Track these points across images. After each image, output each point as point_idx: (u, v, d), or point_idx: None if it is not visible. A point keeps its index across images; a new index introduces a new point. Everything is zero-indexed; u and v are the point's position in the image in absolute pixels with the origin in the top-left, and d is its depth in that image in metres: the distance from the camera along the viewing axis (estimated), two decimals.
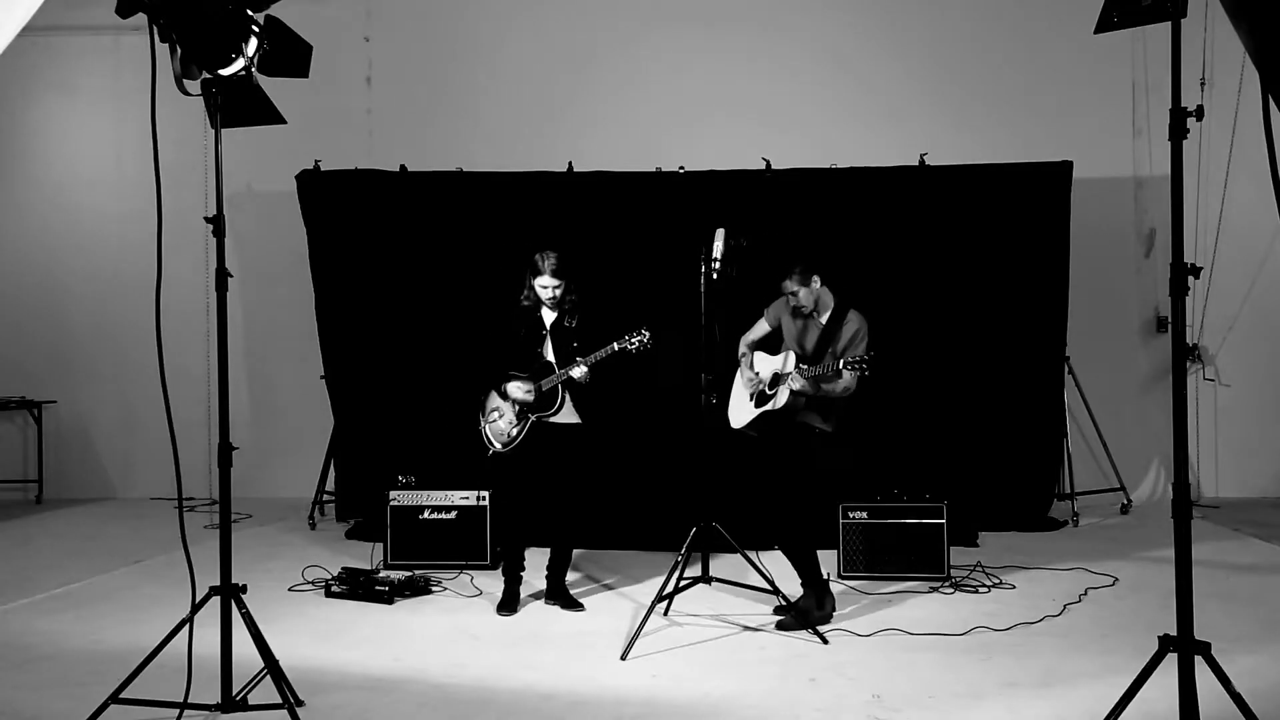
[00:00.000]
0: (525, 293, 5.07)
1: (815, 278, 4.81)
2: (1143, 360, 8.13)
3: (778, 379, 4.80)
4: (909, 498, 5.63)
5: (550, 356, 5.04)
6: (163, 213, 3.44)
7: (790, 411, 4.74)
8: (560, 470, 5.09)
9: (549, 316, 5.08)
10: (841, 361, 4.50)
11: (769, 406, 4.81)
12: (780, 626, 4.68)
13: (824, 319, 4.84)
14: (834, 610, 4.84)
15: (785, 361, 4.85)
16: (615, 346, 4.85)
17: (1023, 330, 7.05)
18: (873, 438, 6.48)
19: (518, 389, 5.02)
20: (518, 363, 5.08)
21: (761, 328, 5.10)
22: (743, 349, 5.13)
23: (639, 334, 4.84)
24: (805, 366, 4.69)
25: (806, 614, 4.67)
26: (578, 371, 4.91)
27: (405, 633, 4.75)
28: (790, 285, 4.81)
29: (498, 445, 5.10)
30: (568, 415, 5.06)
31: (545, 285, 4.98)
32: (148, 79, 3.25)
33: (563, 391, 5.03)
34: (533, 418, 5.04)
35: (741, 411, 5.01)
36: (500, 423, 5.11)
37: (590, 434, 5.15)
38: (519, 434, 5.05)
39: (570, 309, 5.07)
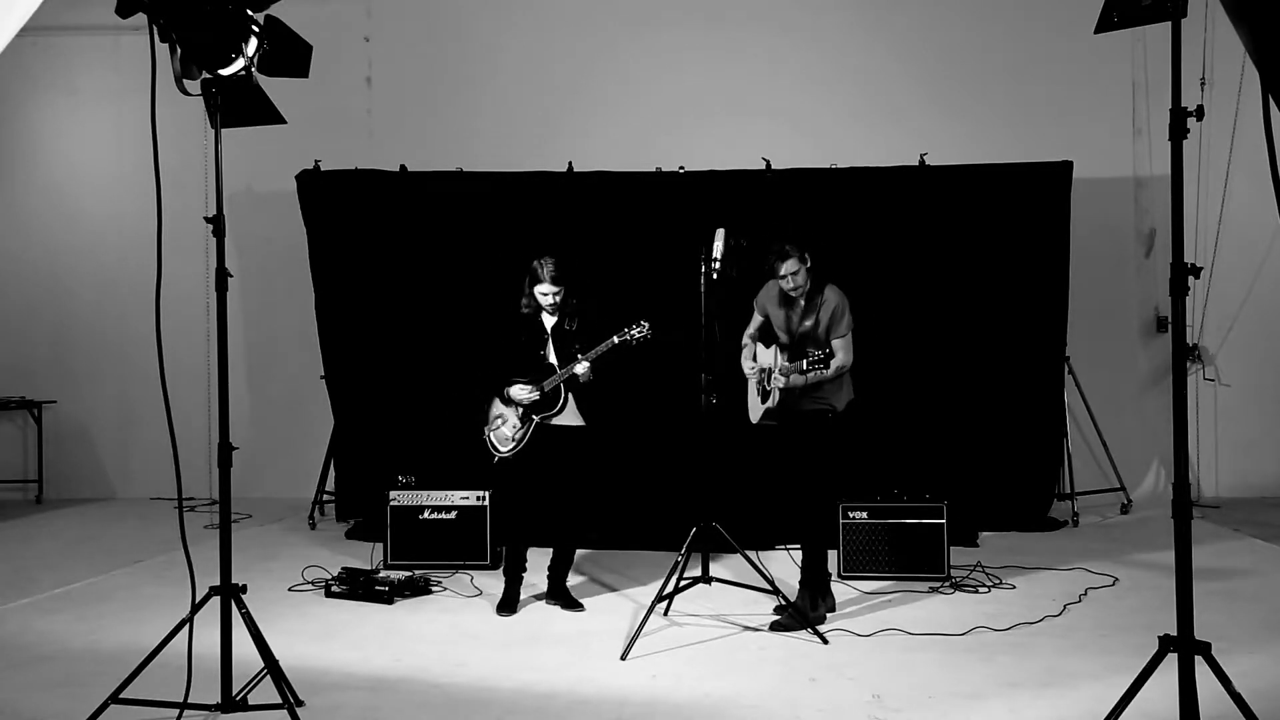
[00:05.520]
0: (525, 300, 5.08)
1: (806, 254, 4.75)
2: (1143, 360, 8.13)
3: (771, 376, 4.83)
4: (909, 498, 5.63)
5: (553, 359, 5.06)
6: (163, 213, 3.44)
7: (793, 399, 4.74)
8: (564, 472, 5.10)
9: (549, 321, 5.10)
10: (805, 363, 4.50)
11: (769, 404, 4.84)
12: (774, 627, 4.67)
13: (803, 301, 4.81)
14: (832, 610, 4.83)
15: (774, 359, 4.85)
16: (615, 340, 4.87)
17: (1023, 330, 7.05)
18: (873, 437, 6.48)
19: (520, 391, 5.04)
20: (520, 369, 5.09)
21: (755, 320, 5.10)
22: (745, 340, 5.14)
23: (638, 325, 4.86)
24: (787, 364, 4.70)
25: (803, 613, 4.67)
26: (580, 368, 4.93)
27: (405, 633, 4.75)
28: (791, 265, 4.69)
29: (503, 450, 5.13)
30: (571, 417, 5.06)
31: (545, 292, 5.00)
32: (148, 79, 3.25)
33: (565, 391, 5.03)
34: (536, 419, 5.05)
35: (755, 406, 5.02)
36: (504, 428, 5.13)
37: (594, 436, 5.15)
38: (523, 437, 5.07)
39: (571, 313, 5.08)
